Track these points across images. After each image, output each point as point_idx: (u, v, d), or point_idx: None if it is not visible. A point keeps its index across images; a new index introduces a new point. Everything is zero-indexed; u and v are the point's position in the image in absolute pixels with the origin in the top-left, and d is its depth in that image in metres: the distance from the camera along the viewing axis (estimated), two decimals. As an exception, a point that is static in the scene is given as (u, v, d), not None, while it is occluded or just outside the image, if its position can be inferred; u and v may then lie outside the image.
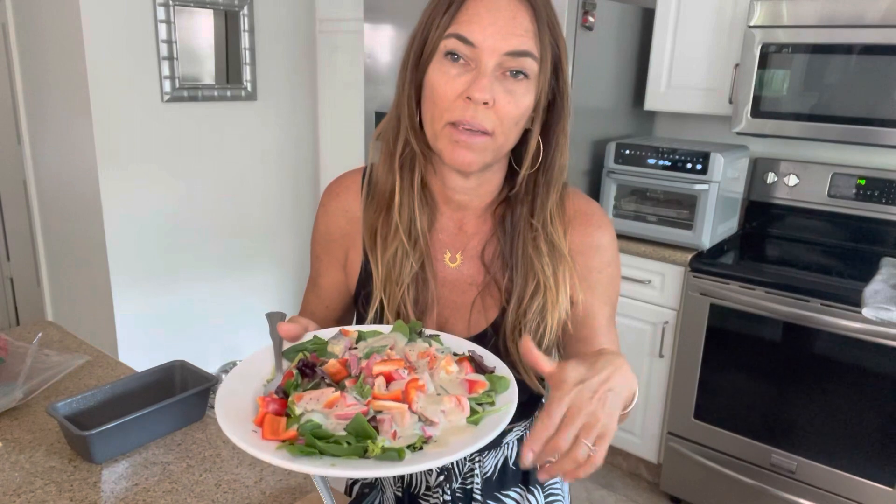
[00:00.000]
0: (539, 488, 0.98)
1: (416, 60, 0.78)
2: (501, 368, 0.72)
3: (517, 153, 0.84)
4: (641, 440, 2.53)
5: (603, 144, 2.50)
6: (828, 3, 2.08)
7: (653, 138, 2.72)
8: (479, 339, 0.85)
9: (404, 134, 0.81)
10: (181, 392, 1.18)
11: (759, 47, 2.22)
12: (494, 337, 0.85)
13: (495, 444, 0.95)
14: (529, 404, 0.95)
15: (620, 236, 2.46)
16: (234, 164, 3.06)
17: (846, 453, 2.05)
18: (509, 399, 0.67)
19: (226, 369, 3.21)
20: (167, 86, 2.72)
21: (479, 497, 0.94)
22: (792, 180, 2.49)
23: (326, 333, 0.81)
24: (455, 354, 0.74)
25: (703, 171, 2.27)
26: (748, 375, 2.20)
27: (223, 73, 2.93)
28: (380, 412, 0.65)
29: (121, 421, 1.06)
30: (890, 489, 1.98)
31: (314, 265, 0.96)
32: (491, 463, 0.96)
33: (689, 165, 2.30)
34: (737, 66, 2.30)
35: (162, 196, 2.82)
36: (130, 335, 2.82)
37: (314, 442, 0.62)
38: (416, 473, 0.94)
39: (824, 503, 2.10)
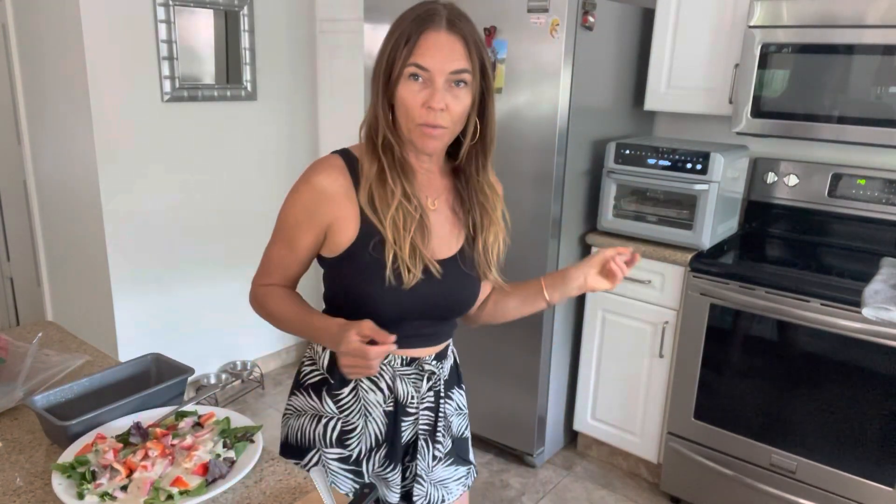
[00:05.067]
0: (462, 388, 1.34)
1: (386, 80, 1.08)
2: (222, 484, 0.99)
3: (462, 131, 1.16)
4: (641, 440, 2.53)
5: (603, 144, 2.50)
6: (828, 3, 2.08)
7: (653, 138, 2.72)
8: (451, 259, 1.18)
9: (382, 131, 1.11)
10: (156, 384, 1.20)
11: (759, 47, 2.22)
12: (461, 257, 1.19)
13: (443, 355, 1.25)
14: None
15: (620, 236, 2.47)
16: (234, 164, 3.06)
17: (846, 453, 2.05)
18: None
19: (226, 369, 3.21)
20: (167, 86, 2.72)
21: (442, 395, 1.25)
22: (792, 180, 2.49)
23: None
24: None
25: (703, 171, 2.27)
26: (748, 375, 2.20)
27: (223, 73, 2.93)
28: (115, 469, 0.98)
29: (100, 411, 1.09)
30: (890, 489, 1.98)
31: (289, 230, 1.16)
32: (446, 367, 1.27)
33: (689, 165, 2.30)
34: (737, 66, 2.30)
35: (162, 196, 2.82)
36: (130, 335, 2.82)
37: (65, 465, 0.99)
38: (404, 387, 1.20)
39: (824, 503, 2.11)
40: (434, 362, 1.23)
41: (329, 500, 0.94)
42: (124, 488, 0.96)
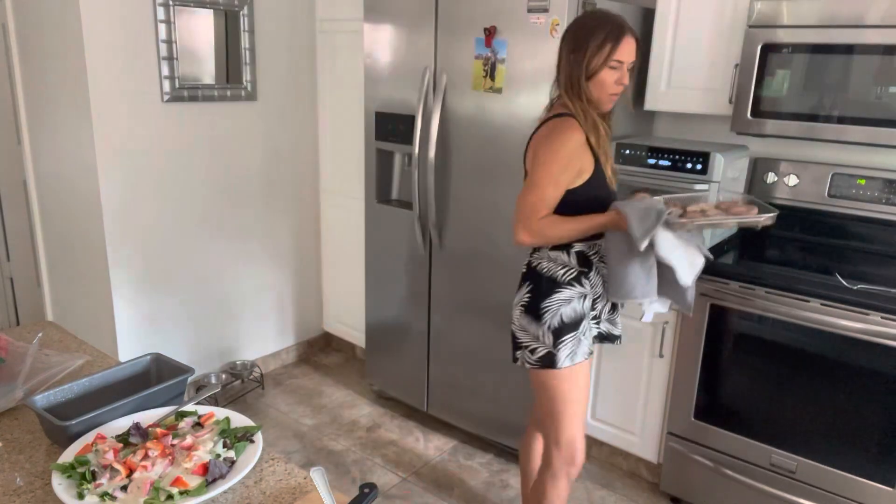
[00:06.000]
0: None
1: (587, 66, 1.66)
2: (222, 484, 1.00)
3: None
4: (641, 440, 2.53)
5: (603, 144, 2.50)
6: (828, 3, 2.08)
7: (653, 138, 2.72)
8: None
9: (585, 98, 1.70)
10: (157, 384, 1.21)
11: (759, 47, 2.22)
12: None
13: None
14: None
15: (620, 236, 2.47)
16: (234, 164, 3.06)
17: (846, 453, 2.05)
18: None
19: (226, 369, 3.21)
20: (167, 86, 2.72)
21: None
22: (792, 180, 2.49)
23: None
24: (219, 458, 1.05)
25: (703, 171, 2.27)
26: (748, 375, 2.20)
27: (223, 73, 2.94)
28: (115, 469, 0.98)
29: (100, 411, 1.09)
30: (890, 489, 1.98)
31: (558, 173, 1.67)
32: None
33: (689, 165, 2.30)
34: (737, 66, 2.30)
35: (162, 196, 2.82)
36: (130, 335, 2.82)
37: (66, 465, 0.99)
38: None
39: (824, 503, 2.11)
40: None
41: (329, 500, 0.94)
42: (124, 488, 0.96)
